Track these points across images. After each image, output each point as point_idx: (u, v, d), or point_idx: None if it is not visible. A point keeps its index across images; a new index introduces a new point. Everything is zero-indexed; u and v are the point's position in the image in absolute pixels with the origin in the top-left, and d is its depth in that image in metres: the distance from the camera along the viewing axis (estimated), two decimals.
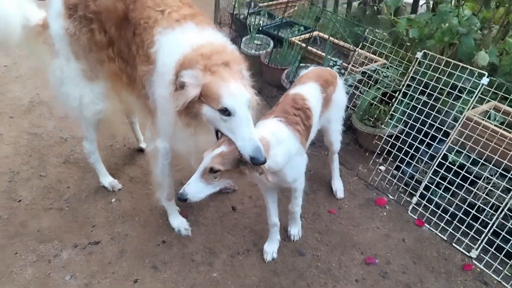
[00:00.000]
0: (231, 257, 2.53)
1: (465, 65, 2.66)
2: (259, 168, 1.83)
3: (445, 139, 2.74)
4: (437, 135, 2.77)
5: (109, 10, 2.27)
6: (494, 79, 2.54)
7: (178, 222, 2.70)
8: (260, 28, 4.47)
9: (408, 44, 3.07)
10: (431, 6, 3.07)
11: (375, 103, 3.16)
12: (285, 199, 2.78)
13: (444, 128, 2.75)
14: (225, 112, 1.81)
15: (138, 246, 2.60)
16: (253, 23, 4.47)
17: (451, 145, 2.72)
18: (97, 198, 2.95)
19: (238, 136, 1.82)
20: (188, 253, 2.55)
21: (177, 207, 2.74)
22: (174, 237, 2.66)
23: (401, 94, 3.00)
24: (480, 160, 2.60)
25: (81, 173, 3.12)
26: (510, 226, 2.39)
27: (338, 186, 2.95)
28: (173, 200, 2.69)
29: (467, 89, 2.67)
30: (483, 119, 2.71)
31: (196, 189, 1.83)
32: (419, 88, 2.89)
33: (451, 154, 2.71)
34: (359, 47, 3.35)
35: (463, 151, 2.68)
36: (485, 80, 2.56)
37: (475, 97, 2.60)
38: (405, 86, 2.99)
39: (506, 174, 2.49)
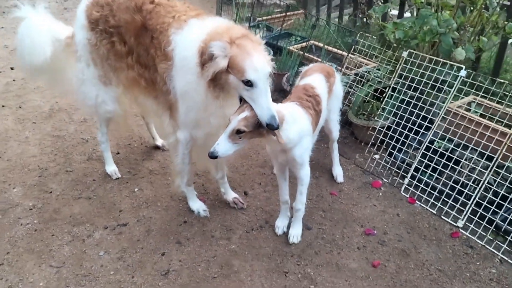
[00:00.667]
0: (246, 232, 2.84)
1: (445, 61, 3.05)
2: (273, 132, 2.16)
3: (431, 126, 3.11)
4: (424, 123, 3.14)
5: (129, 23, 2.63)
6: (471, 71, 2.93)
7: (197, 205, 3.01)
8: None
9: (395, 45, 3.48)
10: (415, 13, 3.48)
11: (368, 99, 3.54)
12: (295, 184, 3.11)
13: (429, 117, 3.12)
14: (248, 83, 2.12)
15: (162, 226, 2.90)
16: None
17: (436, 131, 3.10)
18: (121, 188, 3.26)
19: (257, 105, 2.13)
20: (208, 231, 2.86)
21: (195, 192, 3.06)
22: (194, 218, 2.97)
23: (390, 89, 3.38)
24: (461, 142, 2.97)
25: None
26: (491, 196, 2.75)
27: (338, 172, 3.29)
28: (192, 185, 3.01)
29: (447, 82, 3.05)
30: (462, 107, 3.10)
31: (225, 147, 2.14)
32: (406, 83, 3.27)
33: (436, 139, 3.08)
34: (351, 50, 3.74)
35: (446, 135, 3.05)
36: (463, 73, 2.96)
37: (455, 87, 2.98)
38: (394, 82, 3.37)
39: (485, 152, 2.86)
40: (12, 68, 5.20)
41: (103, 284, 2.49)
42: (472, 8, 3.24)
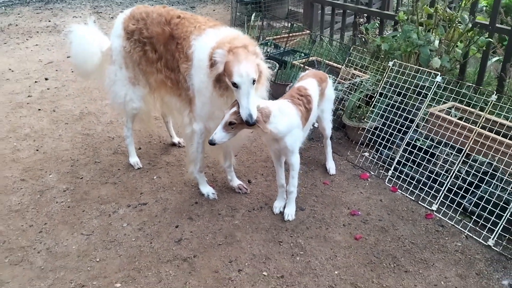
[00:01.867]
0: (248, 211, 3.30)
1: (424, 69, 3.53)
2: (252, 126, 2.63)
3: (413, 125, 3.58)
4: (405, 122, 3.60)
5: (159, 34, 3.20)
6: (445, 77, 3.41)
7: (207, 189, 3.49)
8: (268, 55, 5.42)
9: (382, 56, 3.97)
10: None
11: (359, 103, 4.02)
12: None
13: (410, 117, 3.59)
14: (235, 85, 2.62)
15: (176, 205, 3.38)
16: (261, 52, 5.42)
17: (416, 129, 3.55)
18: (142, 176, 3.76)
19: (240, 103, 2.62)
20: (215, 210, 3.33)
21: (206, 178, 3.54)
22: (204, 199, 3.44)
23: (378, 95, 3.86)
24: (436, 137, 3.42)
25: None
26: (460, 183, 3.18)
27: (331, 165, 3.75)
28: (203, 172, 3.49)
29: (425, 86, 3.53)
30: (437, 110, 3.56)
31: (220, 135, 2.64)
32: (391, 89, 3.75)
33: (416, 136, 3.54)
34: (345, 62, 4.25)
35: (424, 133, 3.50)
36: (438, 78, 3.43)
37: (432, 91, 3.45)
38: (381, 88, 3.85)
39: (455, 145, 3.31)
40: (46, 79, 5.84)
41: (126, 248, 2.96)
42: (449, 25, 3.73)
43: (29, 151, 4.13)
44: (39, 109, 4.98)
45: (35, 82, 5.76)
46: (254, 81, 2.63)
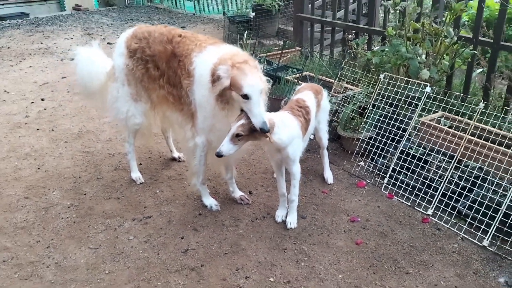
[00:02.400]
0: (251, 221, 3.40)
1: (414, 80, 3.71)
2: (265, 134, 2.75)
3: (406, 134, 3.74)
4: (398, 131, 3.76)
5: (161, 52, 3.33)
6: (434, 88, 3.59)
7: (210, 201, 3.58)
8: (263, 71, 5.58)
9: (373, 69, 4.15)
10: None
11: (353, 115, 4.18)
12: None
13: (402, 126, 3.75)
14: (245, 97, 2.75)
15: (181, 217, 3.46)
16: None
17: (409, 137, 3.72)
18: (144, 190, 3.84)
19: (252, 114, 2.74)
20: (219, 221, 3.42)
21: (208, 190, 3.64)
22: (207, 211, 3.53)
23: (371, 106, 4.03)
24: (428, 144, 3.58)
25: (129, 175, 4.01)
26: (453, 188, 3.33)
27: (328, 175, 3.88)
28: (206, 184, 3.59)
29: (416, 97, 3.70)
30: (428, 119, 3.73)
31: (227, 148, 2.74)
32: (383, 100, 3.92)
33: (409, 144, 3.70)
34: (337, 77, 4.43)
35: (417, 141, 3.66)
36: (428, 89, 3.61)
37: (422, 101, 3.63)
38: (373, 100, 4.02)
39: (447, 152, 3.47)
40: (42, 99, 5.90)
41: (134, 260, 3.02)
42: (435, 39, 3.94)
43: (31, 169, 4.19)
44: (37, 129, 5.04)
45: (32, 102, 5.82)
46: (261, 91, 2.77)
